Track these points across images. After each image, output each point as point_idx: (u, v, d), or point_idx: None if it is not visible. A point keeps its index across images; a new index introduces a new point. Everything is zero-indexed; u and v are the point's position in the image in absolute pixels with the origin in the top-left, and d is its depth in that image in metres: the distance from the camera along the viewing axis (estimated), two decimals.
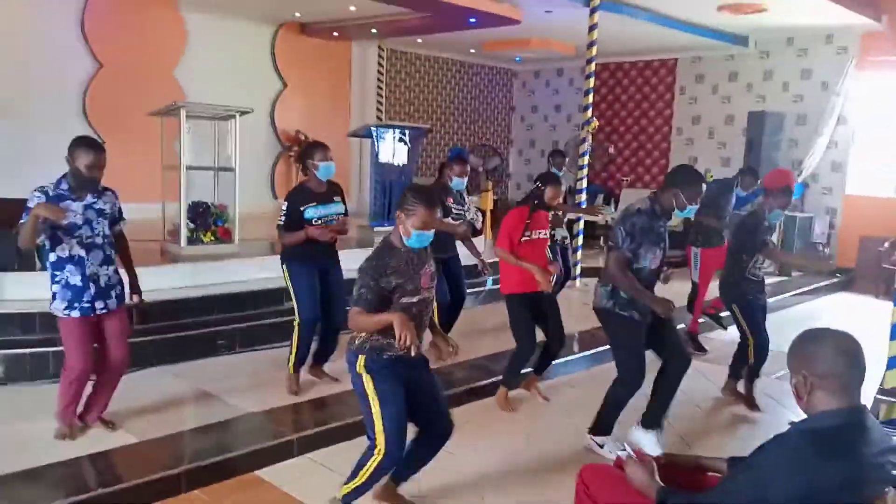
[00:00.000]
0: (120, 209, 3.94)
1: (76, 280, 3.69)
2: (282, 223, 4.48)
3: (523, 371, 4.90)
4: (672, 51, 12.16)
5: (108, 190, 3.86)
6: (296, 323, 4.63)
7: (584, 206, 8.37)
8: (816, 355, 1.99)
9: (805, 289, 9.28)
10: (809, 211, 10.75)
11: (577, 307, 7.14)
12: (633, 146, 13.30)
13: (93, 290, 3.74)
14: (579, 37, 8.73)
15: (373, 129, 7.84)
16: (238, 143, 6.73)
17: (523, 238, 4.57)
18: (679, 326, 5.03)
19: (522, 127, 15.11)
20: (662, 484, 2.27)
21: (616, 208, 12.23)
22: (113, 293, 3.86)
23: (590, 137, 8.87)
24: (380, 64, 12.19)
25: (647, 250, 3.80)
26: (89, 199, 3.72)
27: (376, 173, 8.09)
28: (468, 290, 6.08)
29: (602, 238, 11.39)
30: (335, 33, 10.65)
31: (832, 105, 10.41)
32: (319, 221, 4.48)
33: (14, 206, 3.96)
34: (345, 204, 4.69)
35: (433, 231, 2.98)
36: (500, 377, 4.90)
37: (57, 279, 3.70)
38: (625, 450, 2.46)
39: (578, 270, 8.91)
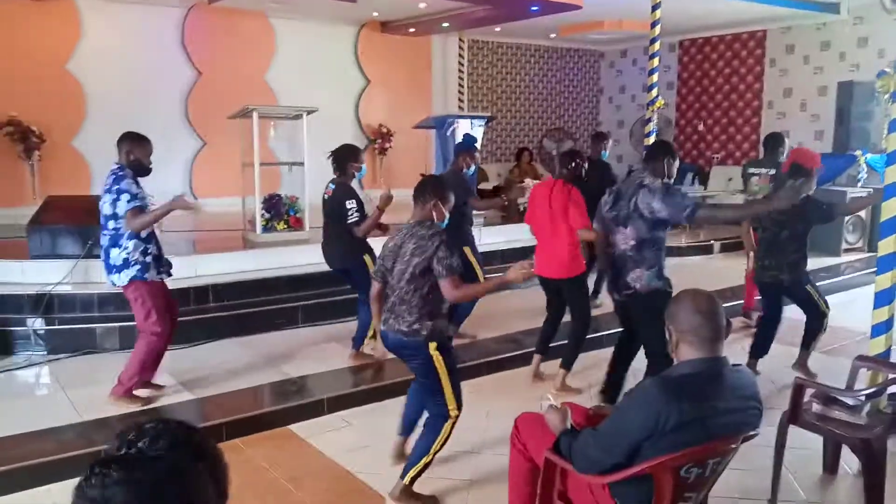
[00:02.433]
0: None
1: (155, 251, 4.38)
2: (357, 218, 4.93)
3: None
4: (760, 22, 11.76)
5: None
6: None
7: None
8: (678, 314, 2.28)
9: None
10: None
11: None
12: (724, 122, 12.96)
13: (163, 260, 4.46)
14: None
15: (433, 119, 8.26)
16: (307, 139, 7.33)
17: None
18: None
19: (611, 108, 15.04)
20: (569, 427, 2.59)
21: (706, 187, 12.02)
22: (166, 264, 4.53)
23: (655, 117, 8.88)
24: (460, 55, 12.60)
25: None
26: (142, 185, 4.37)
27: (442, 159, 8.52)
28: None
29: None
30: (412, 29, 11.17)
31: None
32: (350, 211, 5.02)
33: None
34: None
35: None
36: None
37: (147, 251, 4.31)
38: (549, 400, 2.78)
39: None
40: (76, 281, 5.88)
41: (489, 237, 8.10)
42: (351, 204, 4.90)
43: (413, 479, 3.36)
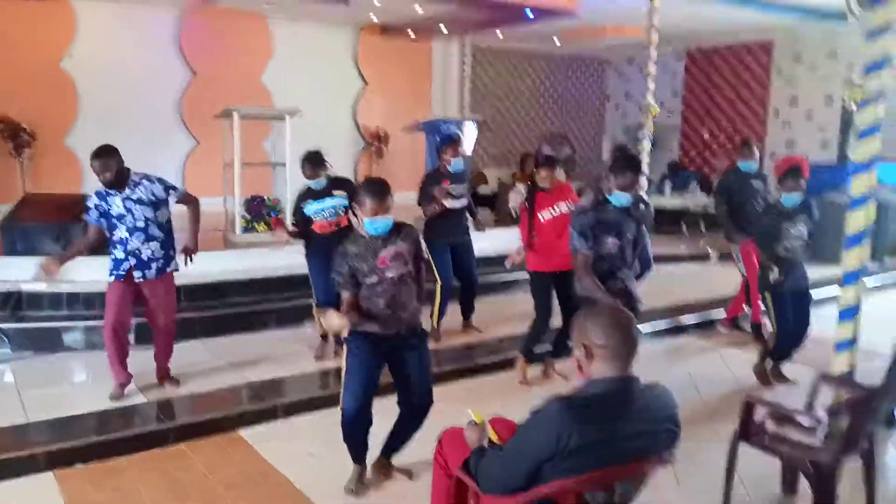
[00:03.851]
0: (164, 186, 4.53)
1: (119, 254, 4.45)
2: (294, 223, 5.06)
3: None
4: (767, 31, 11.54)
5: (144, 178, 4.49)
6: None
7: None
8: (595, 328, 2.13)
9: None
10: None
11: None
12: (729, 131, 12.75)
13: (133, 261, 4.45)
14: (661, 22, 8.51)
15: (422, 123, 8.17)
16: (297, 140, 7.19)
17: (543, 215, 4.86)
18: None
19: (617, 115, 14.86)
20: (485, 445, 2.47)
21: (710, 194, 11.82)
22: (154, 265, 4.52)
23: (650, 124, 8.72)
24: (462, 60, 12.50)
25: (601, 241, 3.90)
26: (127, 192, 4.40)
27: (432, 162, 8.42)
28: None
29: (684, 225, 11.10)
30: (411, 33, 11.08)
31: None
32: (319, 216, 4.95)
33: None
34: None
35: (387, 216, 3.25)
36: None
37: (111, 254, 4.48)
38: (469, 415, 2.65)
39: None
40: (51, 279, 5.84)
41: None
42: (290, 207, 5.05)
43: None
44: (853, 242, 3.57)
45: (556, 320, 5.02)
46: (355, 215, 3.31)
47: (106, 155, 4.34)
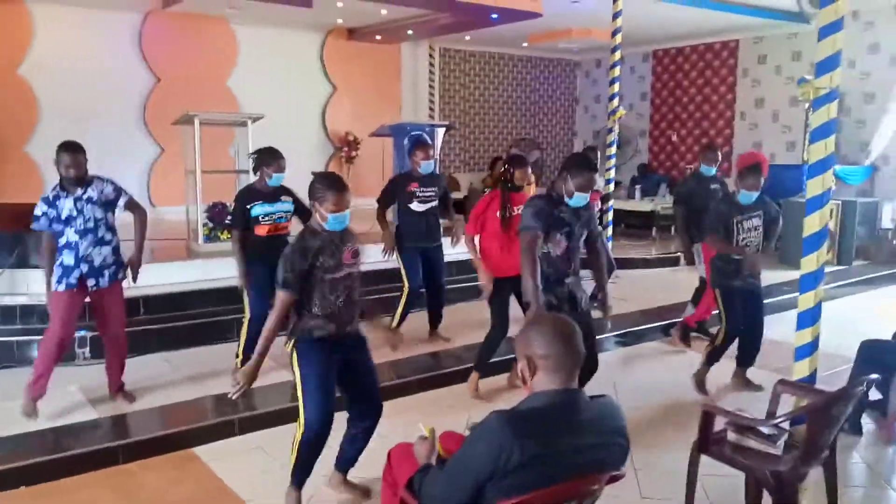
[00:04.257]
0: (114, 187, 4.38)
1: (69, 260, 4.26)
2: (229, 222, 4.78)
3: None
4: (732, 31, 11.65)
5: (96, 178, 4.34)
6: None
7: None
8: (538, 338, 2.06)
9: (862, 277, 8.67)
10: (879, 196, 10.00)
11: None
12: (697, 133, 12.82)
13: (85, 268, 4.27)
14: (626, 24, 8.49)
15: (389, 128, 8.08)
16: (250, 146, 7.11)
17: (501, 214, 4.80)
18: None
19: (586, 118, 14.90)
20: (433, 461, 2.39)
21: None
22: (106, 272, 4.37)
23: (616, 127, 8.72)
24: (431, 63, 12.44)
25: (551, 236, 3.80)
26: (79, 192, 4.23)
27: (398, 167, 8.32)
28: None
29: (654, 228, 11.12)
30: (378, 37, 11.01)
31: None
32: (267, 218, 4.78)
33: None
34: (297, 202, 4.90)
35: (349, 212, 3.17)
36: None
37: (60, 262, 4.26)
38: (420, 430, 2.57)
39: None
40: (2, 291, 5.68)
41: None
42: (230, 207, 4.83)
43: (293, 480, 3.32)
44: (810, 245, 3.54)
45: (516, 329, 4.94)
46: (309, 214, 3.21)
47: (78, 150, 4.21)
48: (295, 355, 3.21)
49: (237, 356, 5.00)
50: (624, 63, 13.76)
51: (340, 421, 3.41)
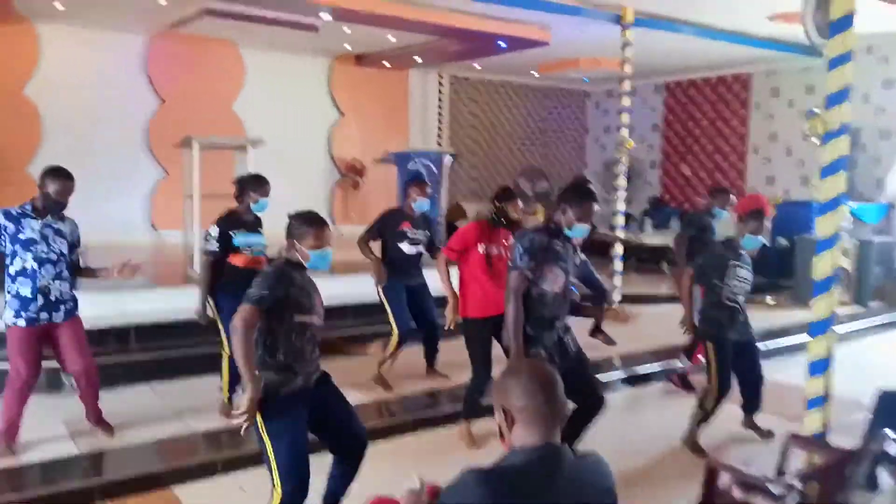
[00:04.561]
0: (78, 237, 4.25)
1: (26, 291, 4.00)
2: (210, 248, 4.56)
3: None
4: (745, 64, 11.53)
5: (70, 219, 4.20)
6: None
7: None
8: (515, 388, 1.86)
9: (880, 318, 8.39)
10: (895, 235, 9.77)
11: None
12: (709, 166, 12.66)
13: (41, 301, 4.02)
14: (634, 54, 8.39)
15: (394, 155, 7.97)
16: (250, 171, 7.00)
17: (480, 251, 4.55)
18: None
19: (596, 148, 14.77)
20: None
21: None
22: (62, 307, 4.13)
23: (625, 158, 8.57)
24: (440, 91, 12.39)
25: (548, 270, 3.58)
26: (49, 219, 4.06)
27: (402, 195, 8.18)
28: None
29: (664, 262, 10.91)
30: (386, 63, 10.96)
31: None
32: (247, 249, 4.61)
33: None
34: None
35: (331, 249, 3.01)
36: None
37: (10, 290, 4.01)
38: (413, 482, 2.38)
39: (619, 296, 8.58)
40: None
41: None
42: (213, 231, 4.58)
43: None
44: (821, 289, 3.34)
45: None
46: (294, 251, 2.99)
47: (68, 177, 4.06)
48: (259, 418, 2.89)
49: (222, 391, 4.82)
50: (635, 94, 13.75)
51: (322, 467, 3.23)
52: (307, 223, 2.99)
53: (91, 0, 7.79)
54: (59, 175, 4.06)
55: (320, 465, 3.19)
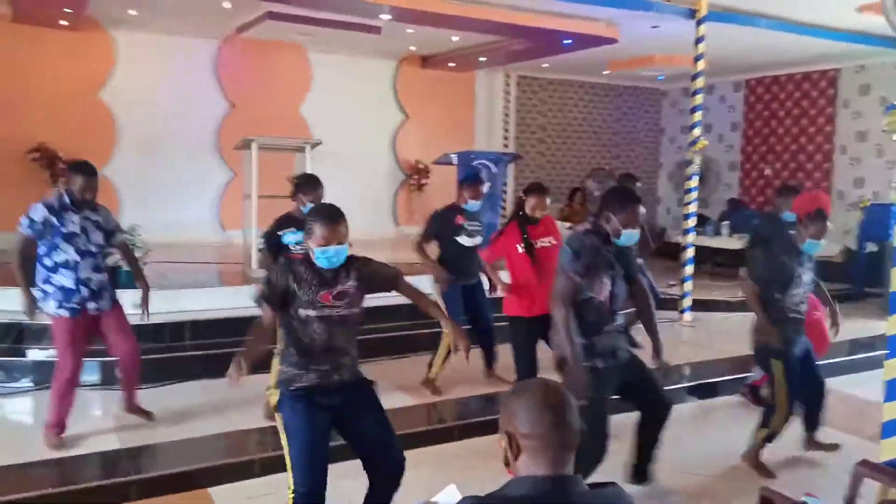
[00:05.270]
0: (115, 222, 4.34)
1: (68, 282, 4.07)
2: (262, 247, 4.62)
3: None
4: (832, 60, 10.83)
5: (102, 207, 4.28)
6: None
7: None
8: (520, 412, 1.66)
9: None
10: None
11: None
12: (792, 167, 11.96)
13: (85, 292, 4.11)
14: (711, 50, 7.95)
15: (452, 156, 7.83)
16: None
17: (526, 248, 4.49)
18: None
19: (672, 149, 14.22)
20: None
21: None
22: (106, 295, 4.25)
23: (698, 159, 8.14)
24: (506, 91, 12.19)
25: (595, 277, 3.35)
26: (87, 212, 4.14)
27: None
28: None
29: (742, 267, 10.35)
30: (451, 64, 10.85)
31: None
32: (298, 247, 4.56)
33: None
34: None
35: (341, 247, 2.86)
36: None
37: (52, 281, 4.07)
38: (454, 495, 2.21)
39: (689, 302, 8.17)
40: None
41: None
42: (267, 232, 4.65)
43: None
44: None
45: None
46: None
47: (93, 173, 4.13)
48: (277, 415, 2.93)
49: (268, 388, 4.77)
50: (713, 92, 13.20)
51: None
52: (315, 217, 2.86)
53: (161, 6, 7.98)
54: (80, 171, 4.10)
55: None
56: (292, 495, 2.82)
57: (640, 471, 3.69)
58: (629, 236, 3.32)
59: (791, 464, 4.33)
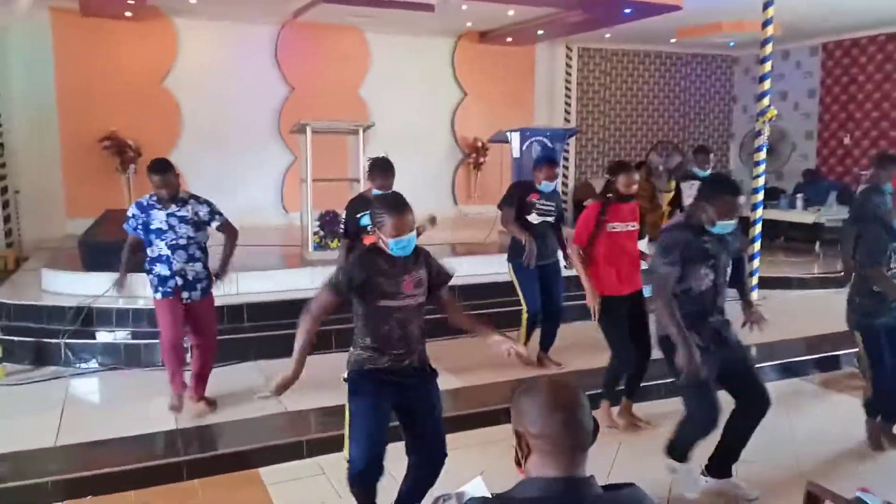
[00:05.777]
0: (210, 209, 4.51)
1: (165, 272, 4.42)
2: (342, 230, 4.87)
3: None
4: None
5: (192, 197, 4.49)
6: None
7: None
8: (530, 411, 1.60)
9: None
10: None
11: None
12: (873, 135, 11.27)
13: (179, 281, 4.44)
14: (783, 14, 7.48)
15: (508, 133, 7.71)
16: (361, 154, 7.01)
17: (608, 229, 4.37)
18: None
19: (745, 118, 13.61)
20: None
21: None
22: (199, 286, 4.54)
23: (766, 129, 7.74)
24: (567, 64, 11.90)
25: (690, 268, 3.35)
26: (173, 208, 4.39)
27: (517, 176, 7.93)
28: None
29: (818, 243, 9.87)
30: (509, 38, 10.65)
31: None
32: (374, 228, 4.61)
33: None
34: None
35: (412, 235, 2.91)
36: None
37: (153, 271, 4.45)
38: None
39: (755, 280, 7.83)
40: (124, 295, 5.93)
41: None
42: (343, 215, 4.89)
43: None
44: None
45: None
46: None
47: (166, 170, 4.35)
48: (347, 389, 3.05)
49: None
50: (788, 58, 12.54)
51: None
52: (384, 208, 2.91)
53: None
54: (152, 170, 4.35)
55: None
56: (347, 468, 2.99)
57: (724, 466, 3.59)
58: (724, 226, 3.31)
59: (838, 457, 4.10)
